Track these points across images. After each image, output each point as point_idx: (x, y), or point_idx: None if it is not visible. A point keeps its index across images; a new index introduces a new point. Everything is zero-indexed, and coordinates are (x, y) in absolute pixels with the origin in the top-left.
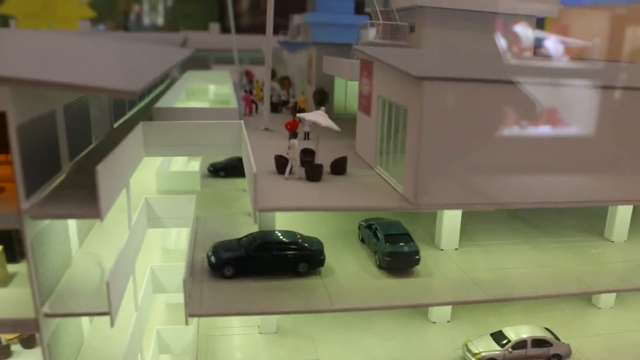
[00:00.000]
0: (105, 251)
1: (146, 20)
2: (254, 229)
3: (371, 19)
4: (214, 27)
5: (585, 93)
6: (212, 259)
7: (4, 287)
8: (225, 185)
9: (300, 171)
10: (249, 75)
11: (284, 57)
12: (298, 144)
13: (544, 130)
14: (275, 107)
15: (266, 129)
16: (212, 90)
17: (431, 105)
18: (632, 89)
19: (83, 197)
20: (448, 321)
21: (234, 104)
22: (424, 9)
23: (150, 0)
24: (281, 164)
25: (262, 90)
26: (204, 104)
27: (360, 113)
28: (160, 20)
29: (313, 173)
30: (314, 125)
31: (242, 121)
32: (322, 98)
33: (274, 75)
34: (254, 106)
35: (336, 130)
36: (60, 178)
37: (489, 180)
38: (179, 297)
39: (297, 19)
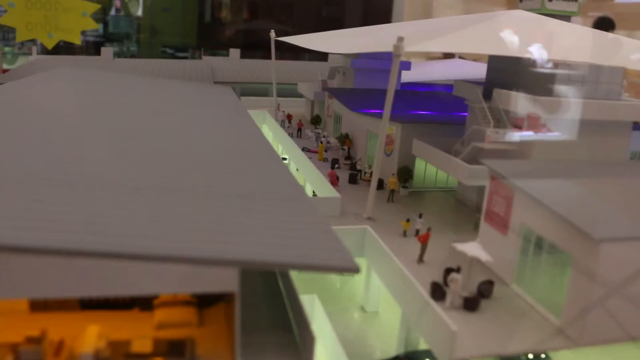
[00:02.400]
0: None
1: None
2: (380, 329)
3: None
4: (234, 52)
5: None
6: None
7: None
8: None
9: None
10: (292, 120)
11: (334, 107)
12: (461, 279)
13: None
14: (354, 179)
15: (369, 218)
16: None
17: (606, 261)
18: None
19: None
20: None
21: (323, 185)
22: None
23: None
24: (437, 291)
25: (326, 150)
26: None
27: (488, 226)
28: (139, 12)
29: (472, 305)
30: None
31: (367, 227)
32: (408, 176)
33: (318, 121)
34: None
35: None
36: None
37: None
38: None
39: (335, 61)
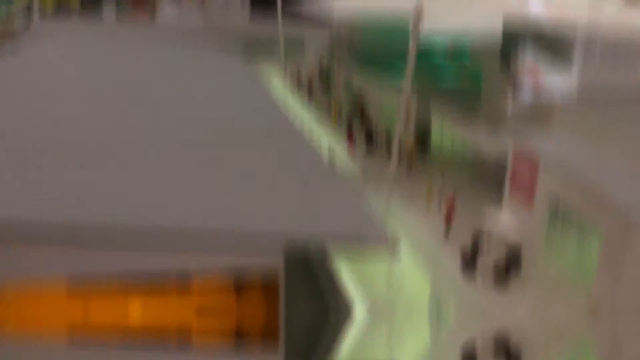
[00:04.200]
0: None
1: None
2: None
3: None
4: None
5: None
6: None
7: None
8: None
9: None
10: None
11: None
12: None
13: None
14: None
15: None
16: None
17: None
18: None
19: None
20: None
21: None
22: None
23: None
24: (467, 263)
25: None
26: None
27: (511, 196)
28: None
29: (503, 278)
30: None
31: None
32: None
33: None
34: None
35: None
36: None
37: None
38: None
39: None
